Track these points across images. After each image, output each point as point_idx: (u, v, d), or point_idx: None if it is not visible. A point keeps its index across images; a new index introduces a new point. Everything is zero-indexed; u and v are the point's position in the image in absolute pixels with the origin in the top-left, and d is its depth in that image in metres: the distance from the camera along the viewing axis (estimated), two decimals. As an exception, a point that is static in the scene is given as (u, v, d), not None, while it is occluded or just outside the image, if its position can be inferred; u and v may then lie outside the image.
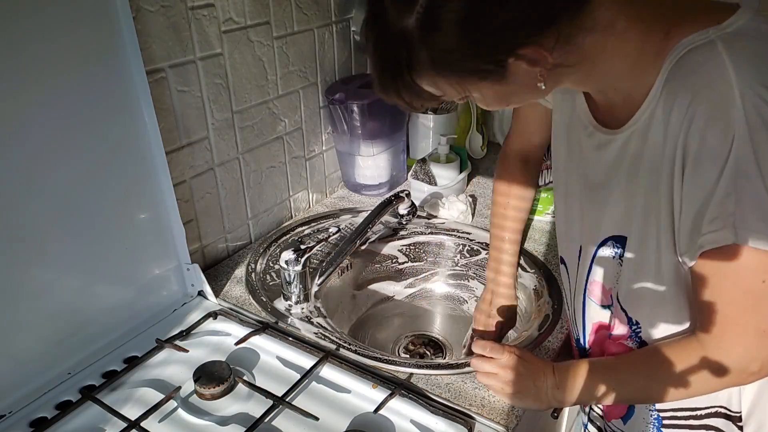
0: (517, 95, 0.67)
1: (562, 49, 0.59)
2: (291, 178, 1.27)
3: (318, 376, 0.87)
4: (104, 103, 0.82)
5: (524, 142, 0.99)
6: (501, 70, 0.59)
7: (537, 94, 0.67)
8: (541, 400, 0.76)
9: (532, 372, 0.76)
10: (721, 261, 0.59)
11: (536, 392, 0.76)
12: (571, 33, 0.58)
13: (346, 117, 1.27)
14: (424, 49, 0.58)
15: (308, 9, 1.17)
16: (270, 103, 1.15)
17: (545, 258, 1.13)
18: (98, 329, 0.89)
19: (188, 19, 0.95)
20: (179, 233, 0.97)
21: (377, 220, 1.10)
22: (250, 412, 0.81)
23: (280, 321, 0.97)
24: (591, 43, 0.61)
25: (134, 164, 0.88)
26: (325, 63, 1.26)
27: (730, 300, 0.61)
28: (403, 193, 1.15)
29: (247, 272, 1.10)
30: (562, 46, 0.58)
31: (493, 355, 0.78)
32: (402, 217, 1.22)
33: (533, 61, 0.59)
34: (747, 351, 0.62)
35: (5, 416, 0.79)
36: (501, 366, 0.77)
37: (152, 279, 0.96)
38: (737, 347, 0.63)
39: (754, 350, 0.62)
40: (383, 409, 0.79)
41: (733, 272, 0.59)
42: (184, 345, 0.91)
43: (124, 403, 0.82)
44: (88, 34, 0.78)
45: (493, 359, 0.78)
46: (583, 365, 0.75)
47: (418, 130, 1.49)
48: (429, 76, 0.61)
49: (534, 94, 0.67)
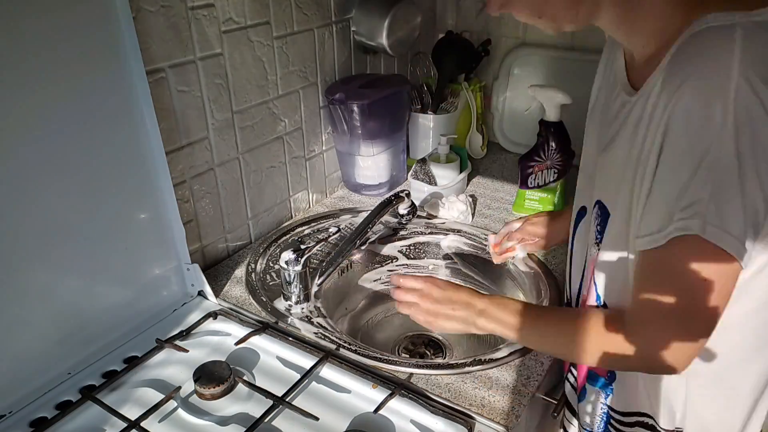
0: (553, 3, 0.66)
1: None
2: (291, 178, 1.27)
3: (318, 376, 0.87)
4: (104, 103, 0.82)
5: None
6: None
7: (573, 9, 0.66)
8: (461, 325, 0.81)
9: (452, 299, 0.82)
10: (676, 250, 0.58)
11: (455, 318, 0.81)
12: None
13: (346, 117, 1.27)
14: None
15: (308, 9, 1.17)
16: (270, 103, 1.15)
17: (546, 258, 1.13)
18: (98, 329, 0.89)
19: (188, 19, 0.95)
20: (179, 233, 0.97)
21: (377, 220, 1.10)
22: (250, 412, 0.81)
23: (280, 321, 0.97)
24: None
25: (134, 164, 0.88)
26: (325, 63, 1.26)
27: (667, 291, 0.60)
28: (403, 193, 1.15)
29: (247, 272, 1.10)
30: None
31: (410, 285, 0.84)
32: (402, 217, 1.22)
33: None
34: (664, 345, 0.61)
35: (5, 416, 0.79)
36: (420, 296, 0.83)
37: (152, 279, 0.96)
38: (656, 339, 0.62)
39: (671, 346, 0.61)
40: (383, 409, 0.79)
41: (683, 263, 0.58)
42: (184, 345, 0.91)
43: (124, 403, 0.82)
44: (88, 35, 0.78)
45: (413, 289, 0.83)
46: (516, 303, 0.79)
47: (418, 130, 1.49)
48: None
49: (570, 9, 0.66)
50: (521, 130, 1.61)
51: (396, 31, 1.29)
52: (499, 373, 0.86)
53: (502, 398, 0.82)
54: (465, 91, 1.51)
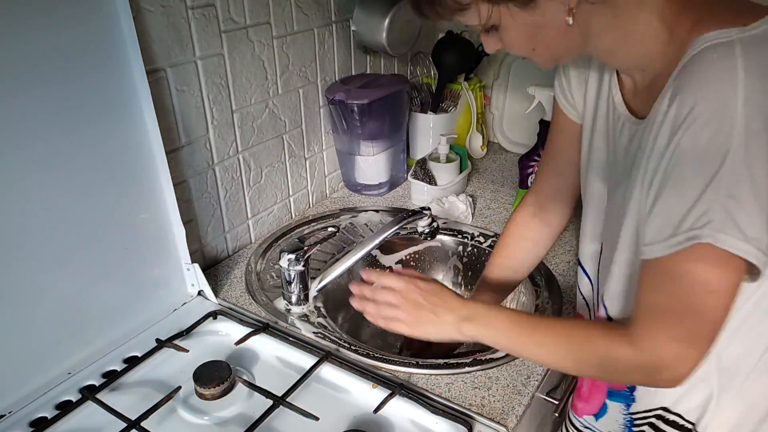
0: (545, 33, 0.64)
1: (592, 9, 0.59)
2: (291, 178, 1.27)
3: (318, 376, 0.87)
4: (104, 103, 0.82)
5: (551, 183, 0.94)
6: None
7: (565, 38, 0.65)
8: (443, 332, 0.75)
9: (434, 304, 0.75)
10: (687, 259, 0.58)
11: (437, 326, 0.75)
12: None
13: (346, 117, 1.27)
14: None
15: (308, 9, 1.17)
16: (270, 103, 1.15)
17: (545, 258, 1.13)
18: (98, 329, 0.89)
19: (188, 19, 0.95)
20: (179, 233, 0.97)
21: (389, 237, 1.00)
22: (250, 412, 0.81)
23: (280, 321, 0.97)
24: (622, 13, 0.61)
25: (134, 164, 0.88)
26: (325, 63, 1.26)
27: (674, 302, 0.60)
28: (427, 211, 1.03)
29: (247, 272, 1.10)
30: None
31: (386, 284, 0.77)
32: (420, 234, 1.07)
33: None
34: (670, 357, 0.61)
35: (5, 416, 0.79)
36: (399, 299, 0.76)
37: (152, 279, 0.96)
38: (662, 352, 0.61)
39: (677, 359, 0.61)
40: (383, 409, 0.79)
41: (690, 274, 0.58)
42: (184, 345, 0.91)
43: (124, 403, 0.82)
44: (88, 34, 0.78)
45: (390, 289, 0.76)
46: (506, 313, 0.74)
47: (418, 130, 1.49)
48: None
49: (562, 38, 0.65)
50: (521, 130, 1.61)
51: (396, 31, 1.29)
52: (499, 373, 0.86)
53: (502, 398, 0.82)
54: (465, 91, 1.51)
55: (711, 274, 0.57)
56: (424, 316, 0.75)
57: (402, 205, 1.35)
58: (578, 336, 0.69)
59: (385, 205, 1.35)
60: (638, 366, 0.63)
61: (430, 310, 0.75)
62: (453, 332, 0.74)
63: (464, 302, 0.76)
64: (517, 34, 0.65)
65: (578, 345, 0.68)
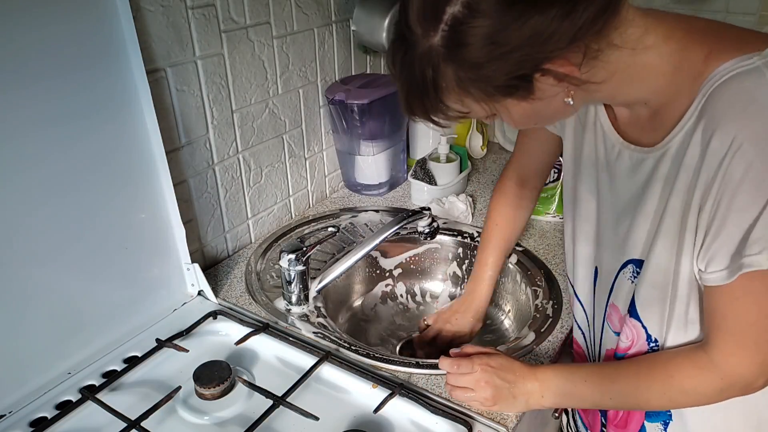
0: (545, 113, 0.65)
1: (590, 64, 0.58)
2: (291, 178, 1.27)
3: (318, 376, 0.87)
4: (104, 102, 0.82)
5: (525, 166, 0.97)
6: (527, 86, 0.58)
7: (566, 112, 0.66)
8: (522, 406, 0.78)
9: (509, 381, 0.77)
10: (751, 283, 0.60)
11: (515, 401, 0.77)
12: (599, 49, 0.58)
13: (346, 117, 1.27)
14: (450, 67, 0.57)
15: (308, 9, 1.17)
16: (270, 103, 1.15)
17: (545, 258, 1.13)
18: (98, 329, 0.89)
19: (188, 19, 0.95)
20: (179, 233, 0.97)
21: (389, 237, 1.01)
22: (250, 412, 0.81)
23: (280, 321, 0.97)
24: (620, 60, 0.60)
25: (134, 164, 0.88)
26: (325, 63, 1.26)
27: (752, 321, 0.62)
28: (427, 211, 1.04)
29: (247, 272, 1.10)
30: (590, 61, 0.58)
31: (463, 371, 0.78)
32: (421, 234, 1.08)
33: (560, 77, 0.58)
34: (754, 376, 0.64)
35: (5, 416, 0.79)
36: (475, 381, 0.77)
37: (152, 279, 0.96)
38: (751, 365, 0.64)
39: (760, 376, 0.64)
40: (383, 409, 0.79)
41: (760, 295, 0.60)
42: (184, 345, 0.91)
43: (124, 403, 0.82)
44: (88, 34, 0.78)
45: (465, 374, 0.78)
46: (577, 372, 0.75)
47: (418, 130, 1.49)
48: (455, 94, 0.60)
49: (563, 112, 0.66)
50: (521, 130, 1.60)
51: (396, 31, 1.29)
52: (499, 373, 0.86)
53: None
54: (465, 91, 1.50)
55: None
56: (504, 395, 0.77)
57: (402, 205, 1.35)
58: (660, 375, 0.70)
59: (385, 205, 1.35)
60: (724, 389, 0.66)
61: (508, 390, 0.77)
62: (533, 405, 0.77)
63: (534, 372, 0.78)
64: (519, 118, 0.65)
65: (662, 383, 0.69)
